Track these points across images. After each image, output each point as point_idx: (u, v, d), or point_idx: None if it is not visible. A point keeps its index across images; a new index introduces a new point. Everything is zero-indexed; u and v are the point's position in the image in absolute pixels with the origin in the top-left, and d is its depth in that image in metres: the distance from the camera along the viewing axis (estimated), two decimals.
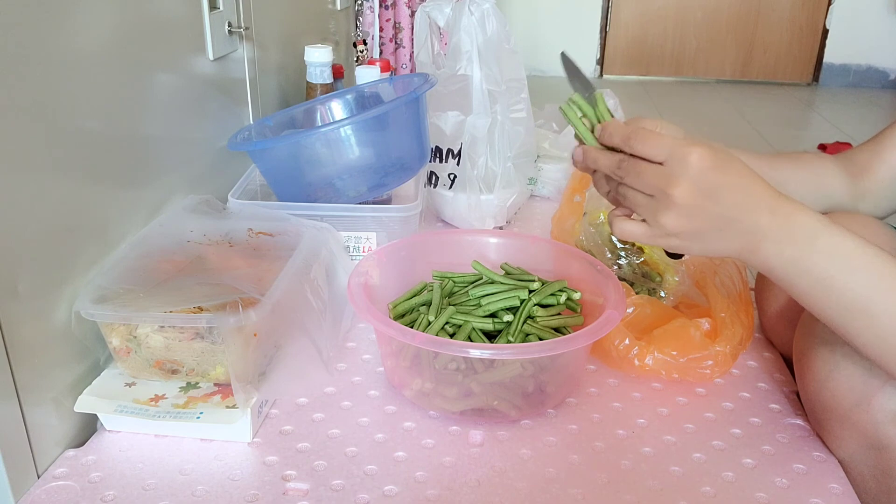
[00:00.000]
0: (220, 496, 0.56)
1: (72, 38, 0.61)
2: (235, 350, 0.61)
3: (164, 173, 0.80)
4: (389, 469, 0.60)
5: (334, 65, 1.08)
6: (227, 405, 0.61)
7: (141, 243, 0.70)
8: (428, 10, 1.04)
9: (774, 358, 0.78)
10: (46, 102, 0.58)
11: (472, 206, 1.02)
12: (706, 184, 0.52)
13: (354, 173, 0.85)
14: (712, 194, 0.52)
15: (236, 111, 1.01)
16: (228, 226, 0.78)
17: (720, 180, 0.52)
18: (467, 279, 0.76)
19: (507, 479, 0.59)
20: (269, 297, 0.62)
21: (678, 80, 3.92)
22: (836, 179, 0.73)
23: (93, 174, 0.66)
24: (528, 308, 0.70)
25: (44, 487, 0.56)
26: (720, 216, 0.53)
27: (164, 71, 0.79)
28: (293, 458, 0.61)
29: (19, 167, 0.55)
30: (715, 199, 0.52)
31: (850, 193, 0.72)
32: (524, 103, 1.04)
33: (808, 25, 3.74)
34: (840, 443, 0.62)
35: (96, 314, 0.60)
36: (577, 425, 0.66)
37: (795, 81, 3.85)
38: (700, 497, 0.58)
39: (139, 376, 0.64)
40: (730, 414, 0.68)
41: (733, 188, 0.53)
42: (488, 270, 0.76)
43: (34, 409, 0.57)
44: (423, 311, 0.72)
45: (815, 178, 0.73)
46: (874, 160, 0.71)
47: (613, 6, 3.83)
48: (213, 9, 0.90)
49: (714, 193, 0.52)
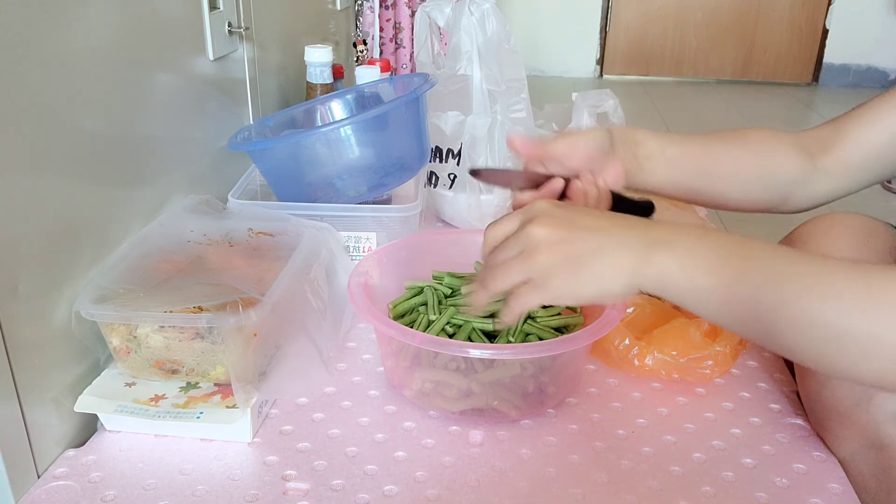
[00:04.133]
0: (220, 496, 0.56)
1: (72, 38, 0.61)
2: (235, 350, 0.61)
3: (164, 173, 0.80)
4: (389, 469, 0.60)
5: (334, 65, 1.08)
6: (227, 405, 0.61)
7: (141, 243, 0.70)
8: (428, 10, 1.04)
9: (774, 358, 0.78)
10: (46, 102, 0.58)
11: (472, 206, 1.02)
12: (560, 211, 0.52)
13: (354, 173, 0.85)
14: (570, 217, 0.51)
15: (236, 111, 1.01)
16: (228, 226, 0.78)
17: (570, 211, 0.52)
18: (468, 279, 0.76)
19: (507, 479, 0.59)
20: (269, 297, 0.62)
21: (678, 80, 3.92)
22: (786, 157, 0.69)
23: (93, 174, 0.66)
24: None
25: (44, 487, 0.56)
26: (587, 228, 0.50)
27: (164, 71, 0.79)
28: (293, 458, 0.61)
29: (19, 167, 0.55)
30: (576, 219, 0.51)
31: (803, 172, 0.68)
32: (524, 103, 1.04)
33: (808, 25, 3.74)
34: (840, 442, 0.62)
35: (96, 314, 0.60)
36: (577, 425, 0.66)
37: (795, 81, 3.85)
38: (700, 497, 0.58)
39: (139, 376, 0.64)
40: (730, 414, 0.68)
41: (586, 212, 0.53)
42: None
43: (34, 409, 0.57)
44: (422, 310, 0.72)
45: (756, 156, 0.69)
46: (840, 138, 0.68)
47: (613, 6, 3.83)
48: (213, 9, 0.90)
49: (572, 215, 0.52)
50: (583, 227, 0.50)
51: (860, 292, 0.42)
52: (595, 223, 0.51)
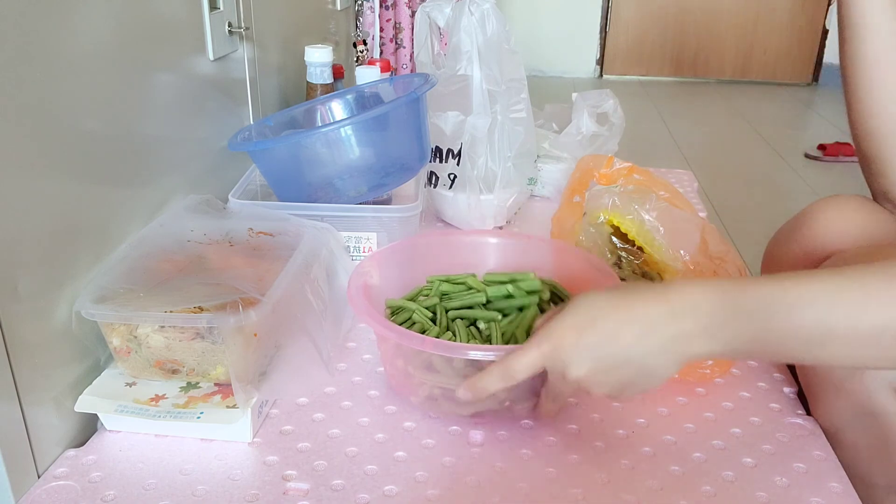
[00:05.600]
0: (221, 496, 0.56)
1: (72, 39, 0.61)
2: (236, 350, 0.61)
3: (164, 173, 0.80)
4: (389, 469, 0.60)
5: (334, 65, 1.08)
6: (227, 405, 0.61)
7: (141, 243, 0.70)
8: (428, 10, 1.04)
9: None
10: (47, 102, 0.58)
11: (472, 205, 1.02)
12: (587, 352, 0.52)
13: (354, 173, 0.85)
14: (598, 355, 0.52)
15: (236, 111, 1.01)
16: (229, 225, 0.78)
17: (592, 339, 0.52)
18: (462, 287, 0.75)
19: (507, 479, 0.59)
20: (269, 297, 0.62)
21: (678, 80, 3.92)
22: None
23: (93, 174, 0.66)
24: (528, 320, 0.69)
25: (44, 487, 0.56)
26: (623, 359, 0.51)
27: (164, 71, 0.79)
28: (293, 458, 0.61)
29: (20, 167, 0.55)
30: (605, 357, 0.51)
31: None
32: (524, 103, 1.04)
33: (808, 26, 3.74)
34: (835, 412, 0.62)
35: (97, 314, 0.60)
36: (577, 425, 0.66)
37: (795, 81, 3.85)
38: (700, 497, 0.58)
39: (139, 376, 0.64)
40: (730, 414, 0.68)
41: (608, 334, 0.51)
42: (478, 294, 0.72)
43: (34, 409, 0.57)
44: (417, 305, 0.71)
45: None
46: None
47: (613, 6, 3.83)
48: (214, 9, 0.90)
49: (599, 353, 0.51)
50: (614, 354, 0.51)
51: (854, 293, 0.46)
52: (621, 342, 0.51)
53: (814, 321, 0.46)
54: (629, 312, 0.51)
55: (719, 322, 0.48)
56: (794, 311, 0.46)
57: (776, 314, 0.47)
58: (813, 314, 0.46)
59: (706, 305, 0.49)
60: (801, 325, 0.46)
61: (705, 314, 0.49)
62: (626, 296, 0.52)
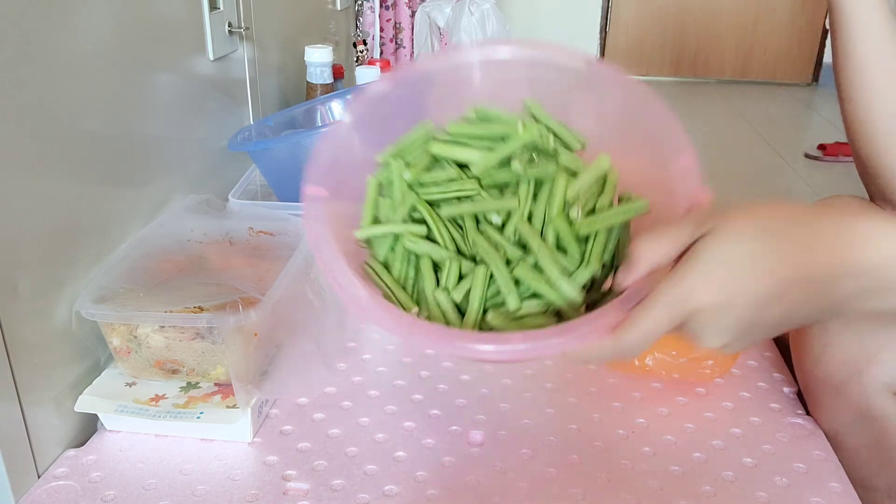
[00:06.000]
0: (221, 496, 0.56)
1: (72, 39, 0.61)
2: (236, 350, 0.61)
3: (164, 173, 0.80)
4: (389, 469, 0.60)
5: (334, 65, 1.08)
6: (227, 405, 0.61)
7: (141, 243, 0.70)
8: (428, 10, 1.04)
9: (774, 358, 0.78)
10: (47, 102, 0.58)
11: None
12: (728, 330, 0.42)
13: None
14: (742, 330, 0.42)
15: (236, 111, 1.01)
16: (229, 225, 0.78)
17: (737, 313, 0.41)
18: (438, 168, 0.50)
19: (507, 479, 0.59)
20: (269, 297, 0.62)
21: (678, 80, 3.92)
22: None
23: (93, 174, 0.66)
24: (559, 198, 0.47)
25: (44, 487, 0.56)
26: (762, 329, 0.43)
27: (164, 71, 0.79)
28: (293, 458, 0.61)
29: (20, 167, 0.55)
30: (747, 329, 0.42)
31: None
32: None
33: (808, 26, 3.74)
34: (834, 415, 0.63)
35: (97, 314, 0.60)
36: (577, 425, 0.66)
37: (795, 81, 3.85)
38: (700, 497, 0.58)
39: (139, 376, 0.64)
40: (730, 414, 0.68)
41: (757, 308, 0.41)
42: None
43: (34, 409, 0.57)
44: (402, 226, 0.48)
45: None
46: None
47: (613, 6, 3.83)
48: (214, 9, 0.90)
49: (742, 326, 0.42)
50: (757, 325, 0.43)
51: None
52: (768, 317, 0.42)
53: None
54: (785, 286, 0.41)
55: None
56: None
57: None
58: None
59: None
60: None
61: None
62: (787, 253, 0.41)
